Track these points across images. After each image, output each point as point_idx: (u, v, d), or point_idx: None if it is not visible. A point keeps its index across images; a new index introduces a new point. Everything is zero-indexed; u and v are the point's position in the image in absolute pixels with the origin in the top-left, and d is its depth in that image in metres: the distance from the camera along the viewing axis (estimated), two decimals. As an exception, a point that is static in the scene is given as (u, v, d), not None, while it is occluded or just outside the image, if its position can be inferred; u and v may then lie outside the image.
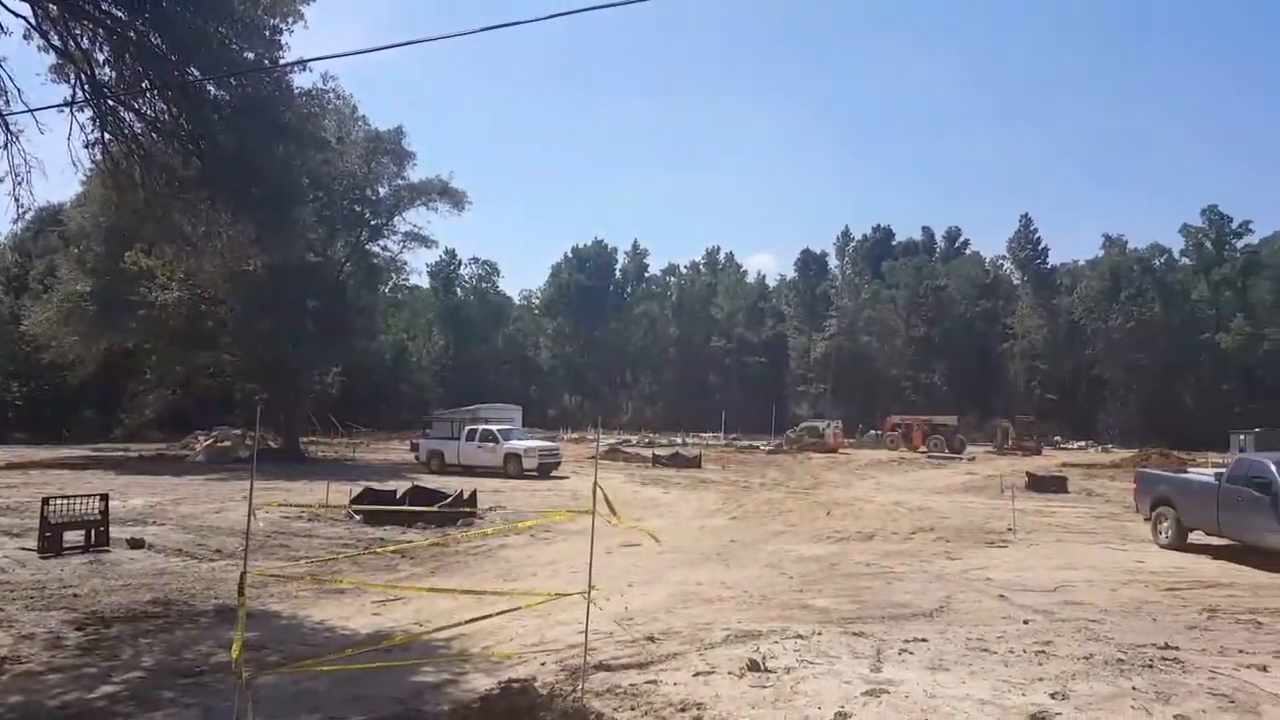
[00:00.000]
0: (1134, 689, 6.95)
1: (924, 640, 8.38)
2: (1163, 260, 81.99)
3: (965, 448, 48.85)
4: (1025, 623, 9.26)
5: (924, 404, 72.25)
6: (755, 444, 53.70)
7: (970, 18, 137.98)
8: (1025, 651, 8.03)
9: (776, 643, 8.19)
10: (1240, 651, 8.12)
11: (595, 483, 6.90)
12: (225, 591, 10.26)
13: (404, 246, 41.45)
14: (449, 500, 16.97)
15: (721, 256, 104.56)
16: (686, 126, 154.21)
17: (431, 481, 22.72)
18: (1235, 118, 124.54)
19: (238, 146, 12.86)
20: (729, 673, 7.20)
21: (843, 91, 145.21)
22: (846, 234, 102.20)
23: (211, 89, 12.57)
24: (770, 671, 7.22)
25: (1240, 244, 78.82)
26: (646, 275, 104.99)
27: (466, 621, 7.47)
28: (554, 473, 28.63)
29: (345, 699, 6.56)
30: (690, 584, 11.22)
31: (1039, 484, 26.53)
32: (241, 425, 40.37)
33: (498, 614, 7.90)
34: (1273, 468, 13.07)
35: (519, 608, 7.69)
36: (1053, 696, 6.72)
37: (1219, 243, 79.09)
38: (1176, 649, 8.16)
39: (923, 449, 48.39)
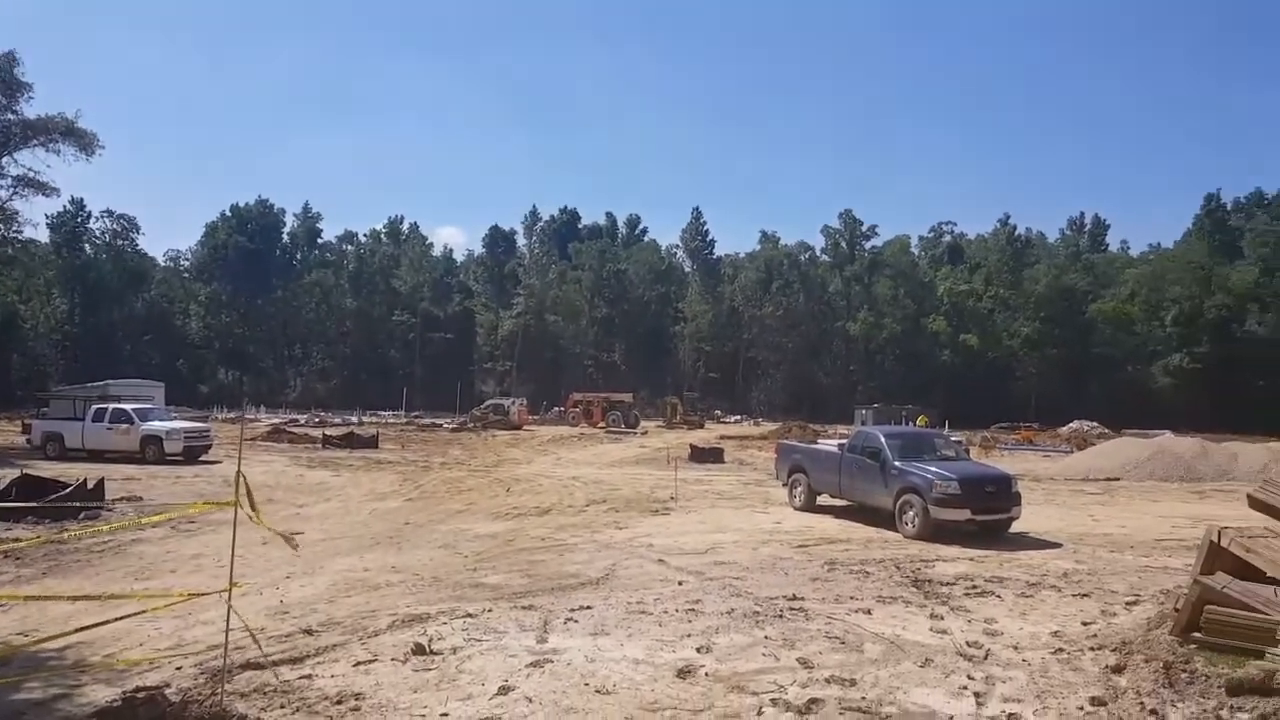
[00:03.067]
0: (766, 638, 7.72)
1: (589, 608, 8.69)
2: (807, 256, 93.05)
3: (639, 423, 51.98)
4: (680, 584, 9.96)
5: (605, 382, 75.77)
6: (439, 422, 52.76)
7: (654, 15, 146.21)
8: (678, 611, 8.61)
9: (445, 624, 8.03)
10: (851, 598, 9.37)
11: (239, 470, 6.24)
12: None
13: (14, 193, 34.86)
14: (67, 491, 14.58)
15: (405, 227, 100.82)
16: (368, 86, 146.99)
17: (49, 469, 19.43)
18: (867, 130, 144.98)
19: None
20: (392, 659, 6.91)
21: (532, 73, 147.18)
22: (535, 213, 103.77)
23: None
24: (436, 654, 7.05)
25: (868, 245, 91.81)
26: (320, 241, 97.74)
27: (86, 628, 6.50)
28: (204, 457, 25.81)
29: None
30: (356, 571, 10.66)
31: (700, 455, 28.93)
32: None
33: (123, 617, 6.92)
34: (882, 439, 15.32)
35: (144, 611, 6.77)
36: (698, 650, 7.26)
37: (851, 243, 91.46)
38: (802, 599, 9.23)
39: (602, 425, 50.69)
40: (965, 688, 6.42)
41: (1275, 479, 7.58)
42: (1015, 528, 14.21)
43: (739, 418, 70.40)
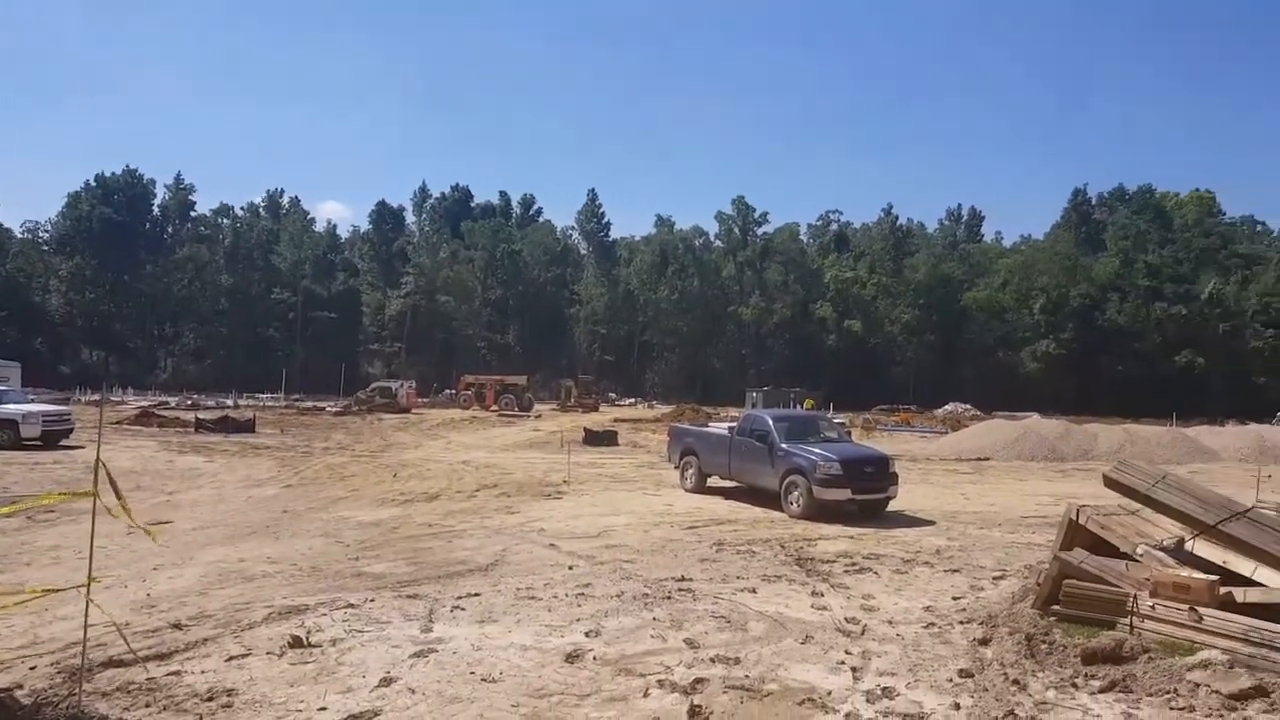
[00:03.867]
0: (655, 619, 7.79)
1: (477, 595, 8.56)
2: (701, 241, 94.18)
3: (533, 406, 51.59)
4: (570, 568, 9.93)
5: (498, 364, 74.87)
6: (321, 406, 50.92)
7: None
8: (568, 596, 8.59)
9: (324, 615, 7.76)
10: (738, 578, 9.57)
11: (98, 457, 5.81)
12: None
13: None
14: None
15: (285, 201, 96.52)
16: (245, 52, 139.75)
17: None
18: (760, 119, 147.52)
19: None
20: (267, 653, 6.62)
21: (422, 46, 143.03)
22: (425, 190, 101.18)
23: None
24: (315, 646, 6.79)
25: (760, 231, 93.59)
26: (193, 215, 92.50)
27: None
28: (64, 442, 24.13)
29: None
30: (230, 561, 10.16)
31: (594, 438, 28.95)
32: None
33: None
34: (770, 422, 15.69)
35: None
36: (587, 635, 7.26)
37: (744, 229, 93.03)
38: (691, 580, 9.35)
39: (494, 407, 50.04)
40: (843, 662, 6.64)
41: (1129, 460, 8.12)
42: (892, 506, 14.82)
43: (634, 400, 70.87)
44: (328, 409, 47.76)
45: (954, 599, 8.88)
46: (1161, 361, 72.75)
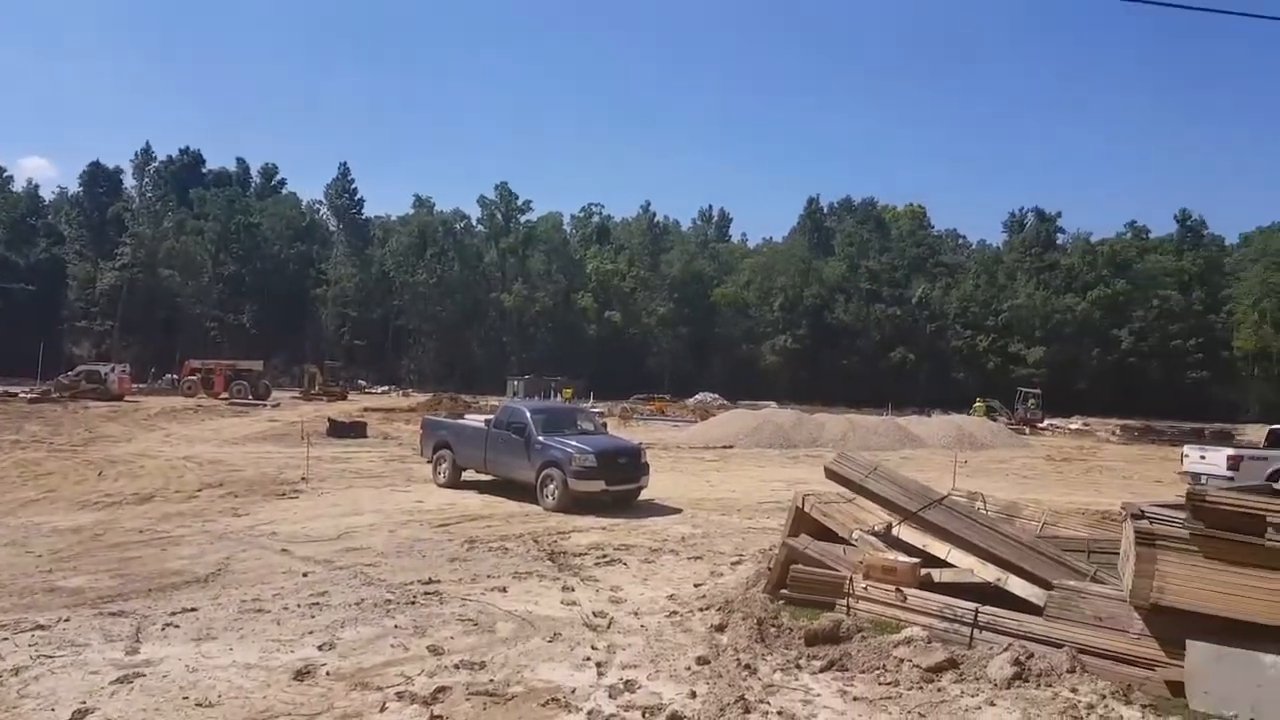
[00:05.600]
0: (396, 627, 7.43)
1: (194, 610, 7.77)
2: (463, 225, 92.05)
3: (270, 393, 47.93)
4: (305, 575, 9.27)
5: (231, 347, 68.77)
6: (13, 391, 44.07)
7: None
8: (300, 606, 8.00)
9: (6, 639, 6.72)
10: (488, 577, 9.38)
11: None
12: None
13: None
14: None
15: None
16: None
17: None
18: (526, 107, 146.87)
19: None
20: (-79, 694, 5.56)
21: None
22: (148, 151, 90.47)
23: None
24: (-11, 678, 5.81)
25: (524, 219, 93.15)
26: None
27: None
28: None
29: None
30: (-125, 583, 8.47)
31: (339, 430, 27.34)
32: None
33: None
34: (527, 414, 15.61)
35: None
36: (320, 648, 6.79)
37: (508, 215, 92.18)
38: (438, 582, 9.04)
39: (224, 395, 45.93)
40: (589, 658, 6.69)
41: (846, 453, 8.86)
42: (644, 495, 15.28)
43: (387, 388, 68.05)
44: (22, 395, 41.38)
45: (695, 586, 9.27)
46: (880, 357, 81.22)
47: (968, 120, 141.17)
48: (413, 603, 8.22)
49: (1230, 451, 19.19)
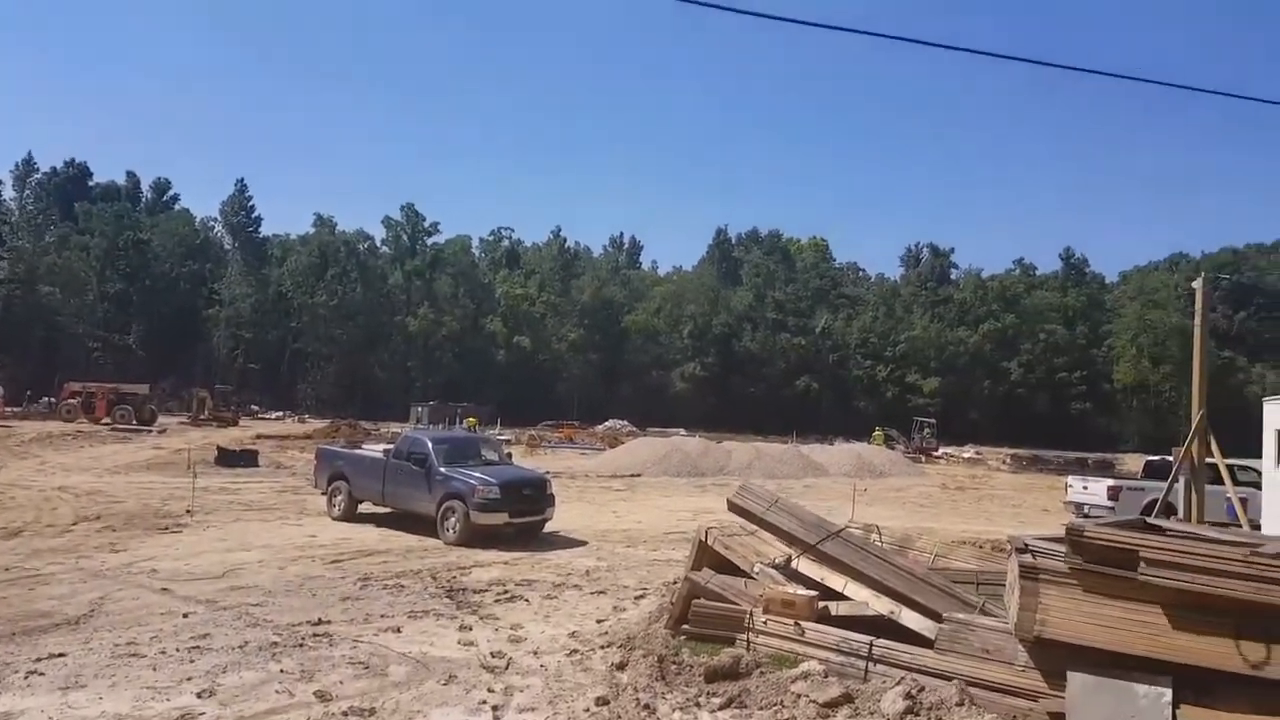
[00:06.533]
0: (282, 671, 7.09)
1: (62, 656, 7.30)
2: (367, 246, 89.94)
3: (157, 419, 45.48)
4: (185, 616, 8.78)
5: (115, 369, 65.10)
6: None
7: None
8: (179, 649, 7.58)
9: None
10: (382, 616, 9.04)
11: None
12: None
13: None
14: None
15: None
16: None
17: None
18: (436, 128, 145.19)
19: None
20: None
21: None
22: (29, 162, 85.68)
23: None
24: None
25: (431, 241, 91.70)
26: None
27: None
28: None
29: None
30: None
31: (229, 458, 26.13)
32: None
33: None
34: (429, 444, 15.22)
35: None
36: (199, 695, 6.45)
37: (414, 237, 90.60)
38: (329, 623, 8.66)
39: (107, 420, 43.34)
40: (485, 701, 6.51)
41: (749, 485, 8.93)
42: (549, 527, 15.08)
43: (282, 414, 65.45)
44: (-128, 421, 38.15)
45: (598, 622, 9.16)
46: (785, 385, 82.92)
47: (866, 156, 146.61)
48: (301, 645, 7.86)
49: (1110, 482, 20.16)
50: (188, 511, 16.04)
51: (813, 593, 7.33)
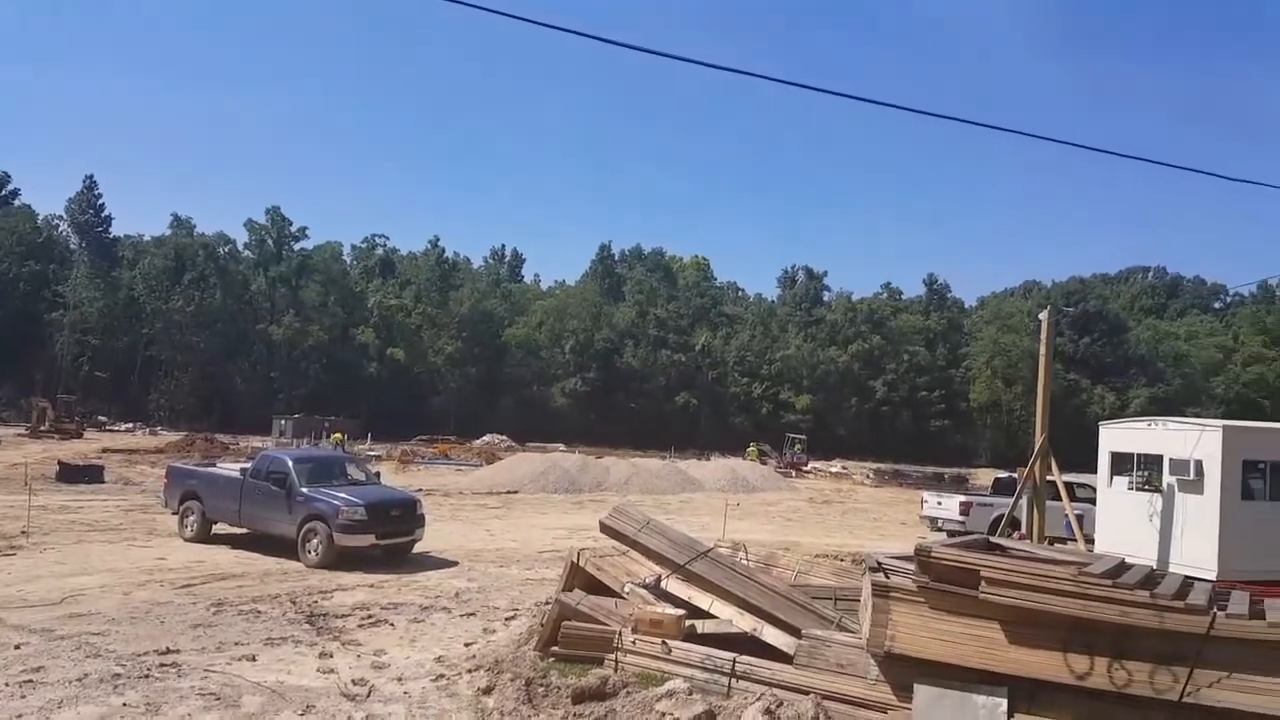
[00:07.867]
0: (125, 705, 6.70)
1: None
2: (227, 250, 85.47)
3: (-9, 431, 41.87)
4: (17, 648, 8.15)
5: (-59, 376, 59.53)
6: None
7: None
8: (9, 684, 7.07)
9: None
10: (236, 644, 8.63)
11: None
12: None
13: None
14: None
15: None
16: None
17: None
18: (299, 131, 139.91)
19: None
20: None
21: None
22: None
23: None
24: None
25: (297, 246, 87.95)
26: None
27: None
28: None
29: None
30: None
31: (71, 474, 24.31)
32: None
33: None
34: (290, 463, 14.62)
35: None
36: (29, 737, 5.98)
37: (279, 242, 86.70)
38: (178, 651, 8.21)
39: (-70, 432, 39.55)
40: (345, 733, 6.32)
41: (622, 507, 9.03)
42: (419, 548, 14.74)
43: (133, 426, 61.29)
44: None
45: (466, 645, 9.03)
46: (665, 400, 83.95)
47: (746, 181, 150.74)
48: (146, 676, 7.42)
49: (962, 498, 21.43)
50: (23, 532, 14.82)
51: (681, 612, 7.49)
